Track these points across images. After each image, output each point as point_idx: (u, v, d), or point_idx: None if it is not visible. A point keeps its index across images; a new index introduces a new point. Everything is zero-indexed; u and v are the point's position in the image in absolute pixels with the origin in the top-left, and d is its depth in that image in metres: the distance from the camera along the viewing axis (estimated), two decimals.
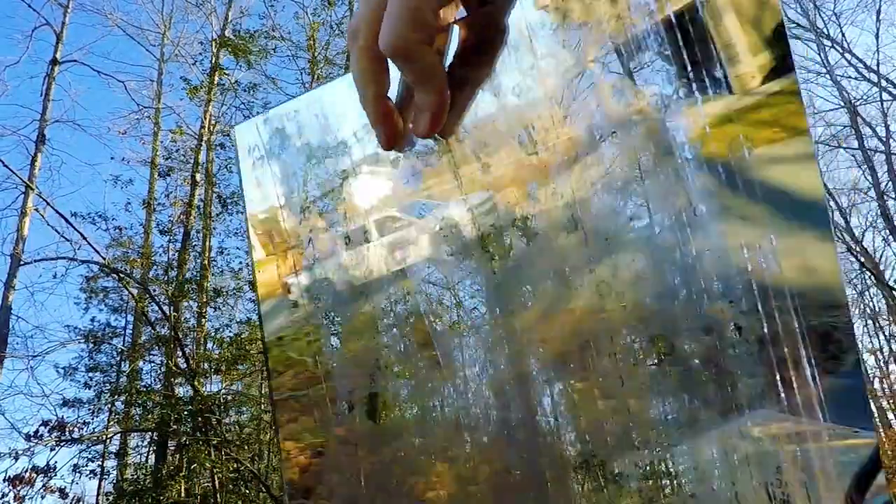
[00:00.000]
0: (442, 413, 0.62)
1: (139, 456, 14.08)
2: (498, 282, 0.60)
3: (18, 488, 9.03)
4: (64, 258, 10.95)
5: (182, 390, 11.55)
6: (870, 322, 22.77)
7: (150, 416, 11.18)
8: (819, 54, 17.41)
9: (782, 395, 0.53)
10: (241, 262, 13.85)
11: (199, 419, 10.36)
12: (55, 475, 9.57)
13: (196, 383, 10.73)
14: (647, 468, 0.57)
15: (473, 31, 0.40)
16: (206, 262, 13.61)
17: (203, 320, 12.69)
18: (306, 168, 0.61)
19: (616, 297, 0.60)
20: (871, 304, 22.48)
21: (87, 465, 11.33)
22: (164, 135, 15.68)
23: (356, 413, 0.61)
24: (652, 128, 0.54)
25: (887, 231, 17.17)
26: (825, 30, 17.22)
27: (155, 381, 12.35)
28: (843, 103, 17.10)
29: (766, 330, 0.54)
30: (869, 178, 17.47)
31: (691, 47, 0.54)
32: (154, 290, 11.92)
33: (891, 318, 21.77)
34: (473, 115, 0.56)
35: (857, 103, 16.74)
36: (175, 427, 10.47)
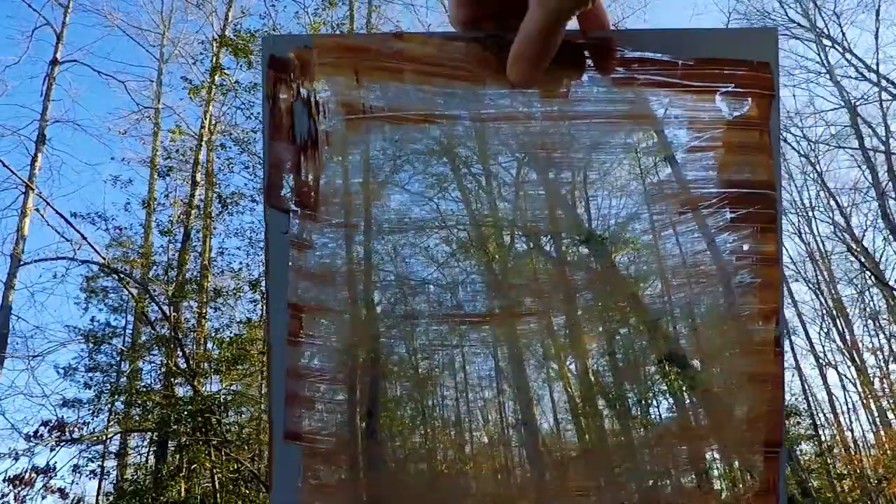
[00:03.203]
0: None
1: (139, 456, 14.08)
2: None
3: (18, 488, 9.02)
4: (64, 258, 10.95)
5: (182, 390, 11.54)
6: (870, 322, 22.78)
7: (150, 416, 11.17)
8: (819, 54, 17.43)
9: None
10: (241, 263, 13.85)
11: (199, 419, 10.35)
12: (55, 475, 9.56)
13: (196, 383, 10.73)
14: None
15: None
16: (206, 262, 13.61)
17: (203, 320, 12.69)
18: None
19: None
20: (871, 304, 22.49)
21: (87, 466, 11.33)
22: (164, 135, 15.68)
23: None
24: None
25: (887, 231, 17.17)
26: (825, 30, 17.24)
27: (155, 381, 12.34)
28: (843, 103, 17.11)
29: None
30: (869, 178, 17.48)
31: None
32: (154, 290, 11.92)
33: (891, 318, 21.76)
34: None
35: (857, 103, 16.75)
36: (175, 427, 10.46)
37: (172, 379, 11.37)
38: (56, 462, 9.61)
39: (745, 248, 0.56)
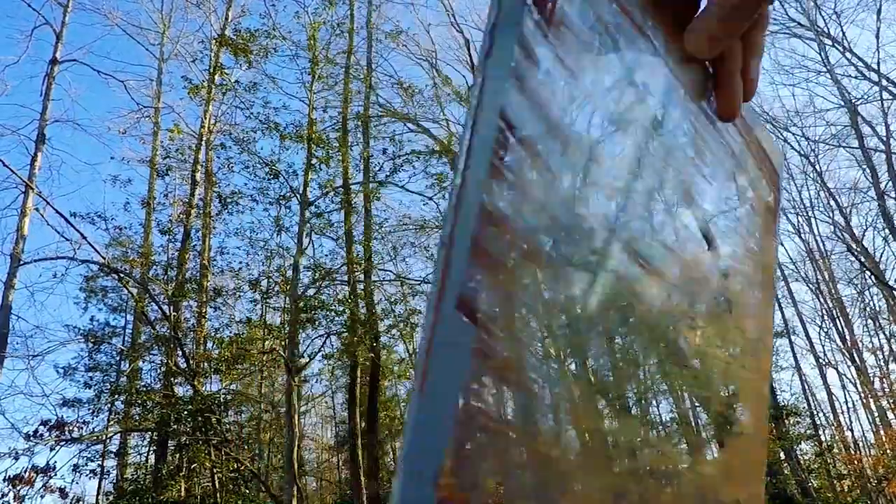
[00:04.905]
0: None
1: (139, 456, 14.10)
2: None
3: (18, 488, 9.02)
4: (64, 258, 10.94)
5: (182, 390, 11.55)
6: (870, 322, 22.79)
7: (150, 415, 11.18)
8: (819, 53, 17.43)
9: None
10: (241, 262, 13.86)
11: (199, 419, 10.35)
12: (55, 475, 9.56)
13: (196, 383, 10.73)
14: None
15: None
16: (205, 261, 13.60)
17: (203, 320, 12.69)
18: None
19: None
20: (870, 303, 22.50)
21: (86, 465, 11.34)
22: (163, 134, 15.69)
23: None
24: None
25: (887, 231, 17.17)
26: (826, 29, 17.24)
27: (155, 380, 12.35)
28: (843, 103, 17.11)
29: None
30: (869, 178, 17.49)
31: None
32: (154, 290, 11.91)
33: (891, 318, 21.76)
34: None
35: (857, 103, 16.75)
36: (175, 427, 10.46)
37: (172, 378, 11.37)
38: (56, 461, 9.62)
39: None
